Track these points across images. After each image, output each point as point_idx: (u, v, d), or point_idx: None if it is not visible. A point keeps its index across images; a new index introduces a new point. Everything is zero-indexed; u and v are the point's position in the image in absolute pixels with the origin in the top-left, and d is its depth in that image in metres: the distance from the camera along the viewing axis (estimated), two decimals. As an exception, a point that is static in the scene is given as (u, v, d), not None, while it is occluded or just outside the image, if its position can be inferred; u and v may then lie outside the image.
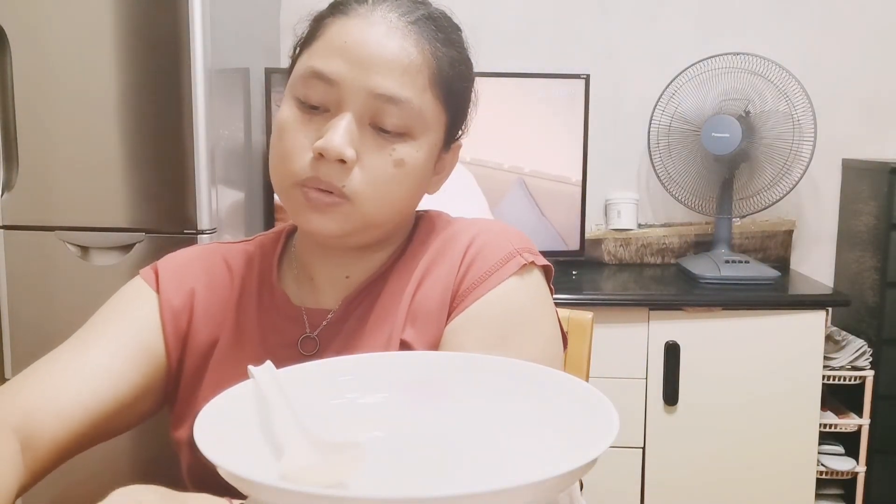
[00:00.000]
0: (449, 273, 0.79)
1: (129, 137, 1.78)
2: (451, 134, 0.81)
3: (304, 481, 0.52)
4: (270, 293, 0.84)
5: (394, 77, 0.72)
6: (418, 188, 0.79)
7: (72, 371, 0.75)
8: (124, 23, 1.76)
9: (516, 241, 0.80)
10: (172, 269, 0.85)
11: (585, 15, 2.38)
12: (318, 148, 0.71)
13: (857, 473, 2.09)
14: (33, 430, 0.70)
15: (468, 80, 0.81)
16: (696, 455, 2.03)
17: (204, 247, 0.89)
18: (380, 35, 0.73)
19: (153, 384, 0.80)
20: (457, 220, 0.86)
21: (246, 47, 2.05)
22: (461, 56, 0.80)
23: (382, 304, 0.80)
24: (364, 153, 0.73)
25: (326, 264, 0.82)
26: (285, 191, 0.76)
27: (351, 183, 0.72)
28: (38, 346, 1.89)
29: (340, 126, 0.71)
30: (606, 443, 0.51)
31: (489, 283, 0.76)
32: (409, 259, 0.83)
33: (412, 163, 0.75)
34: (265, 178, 2.16)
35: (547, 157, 2.19)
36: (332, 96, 0.73)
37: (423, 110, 0.74)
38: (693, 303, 2.01)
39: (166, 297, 0.82)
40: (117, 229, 1.81)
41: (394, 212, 0.77)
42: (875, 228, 2.15)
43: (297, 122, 0.74)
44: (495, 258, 0.78)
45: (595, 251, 2.38)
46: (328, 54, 0.73)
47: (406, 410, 0.66)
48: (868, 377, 2.07)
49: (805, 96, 2.14)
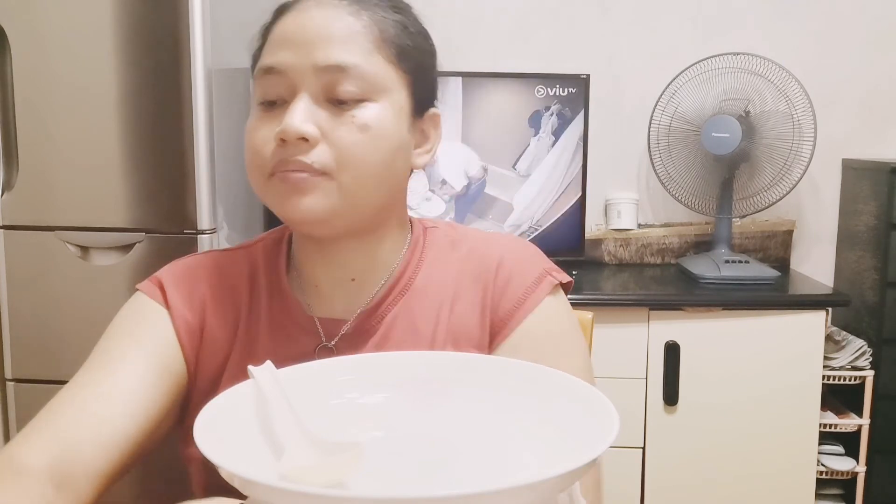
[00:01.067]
0: (483, 294, 0.80)
1: (129, 137, 1.78)
2: (418, 100, 0.79)
3: (303, 481, 0.52)
4: (282, 302, 0.82)
5: (336, 47, 0.72)
6: (395, 155, 0.76)
7: (105, 399, 0.72)
8: (124, 23, 1.75)
9: (539, 258, 0.83)
10: (177, 282, 0.82)
11: (585, 15, 2.38)
12: (279, 133, 0.71)
13: (857, 473, 2.09)
14: (73, 466, 0.67)
15: (421, 41, 0.80)
16: (696, 455, 2.03)
17: (203, 256, 0.86)
18: (316, 17, 0.74)
19: (175, 402, 0.79)
20: (472, 233, 0.86)
21: (246, 47, 2.05)
22: (409, 20, 0.79)
23: (411, 320, 0.80)
24: (327, 129, 0.72)
25: (328, 267, 0.81)
26: (262, 187, 0.75)
27: (320, 158, 0.72)
28: (38, 347, 1.91)
29: (296, 107, 0.72)
30: (606, 443, 0.51)
31: (527, 306, 0.79)
32: (428, 272, 0.82)
33: (378, 125, 0.73)
34: (265, 178, 2.16)
35: (547, 157, 2.19)
36: (285, 85, 0.73)
37: (375, 73, 0.73)
38: (693, 303, 2.01)
39: (178, 313, 0.80)
40: (117, 229, 1.81)
41: (376, 184, 0.75)
42: (875, 228, 2.15)
43: (260, 122, 0.75)
44: (528, 279, 0.80)
45: (595, 251, 2.38)
46: (273, 50, 0.75)
47: (406, 410, 0.66)
48: (868, 377, 2.07)
49: (805, 96, 2.13)
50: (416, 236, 0.85)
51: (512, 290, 0.79)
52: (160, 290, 0.81)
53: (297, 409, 0.60)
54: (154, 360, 0.76)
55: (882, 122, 2.38)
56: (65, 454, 0.67)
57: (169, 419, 0.79)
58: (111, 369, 0.74)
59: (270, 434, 0.59)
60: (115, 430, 0.70)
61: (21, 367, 1.87)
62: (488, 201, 2.21)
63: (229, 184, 1.92)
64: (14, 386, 1.88)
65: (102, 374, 0.74)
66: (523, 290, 0.79)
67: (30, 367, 1.87)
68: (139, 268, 1.80)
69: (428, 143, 0.82)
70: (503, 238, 0.86)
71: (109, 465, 0.69)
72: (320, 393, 0.66)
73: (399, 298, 0.81)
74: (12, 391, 1.88)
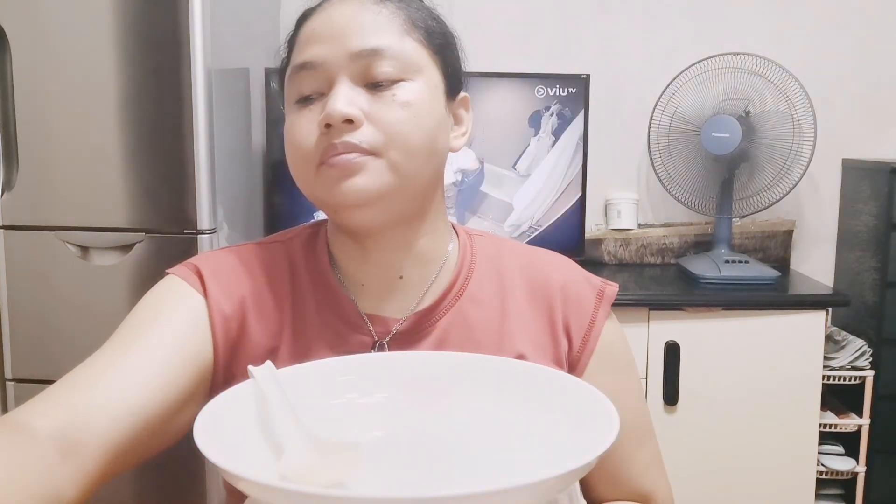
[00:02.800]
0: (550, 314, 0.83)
1: (129, 137, 1.78)
2: (449, 81, 0.80)
3: (303, 481, 0.52)
4: (330, 299, 0.81)
5: (368, 33, 0.74)
6: (437, 132, 0.77)
7: (121, 374, 0.69)
8: (124, 23, 1.75)
9: (587, 273, 0.87)
10: (217, 272, 0.80)
11: (585, 15, 2.38)
12: (323, 118, 0.72)
13: (857, 473, 2.09)
14: (80, 434, 0.63)
15: (445, 26, 0.82)
16: (696, 455, 2.03)
17: (240, 249, 0.84)
18: (344, 11, 0.76)
19: (198, 391, 0.75)
20: (517, 247, 0.88)
21: (246, 47, 2.05)
22: (430, 8, 0.82)
23: (467, 328, 0.81)
24: (369, 110, 0.73)
25: (372, 266, 0.81)
26: (310, 179, 0.75)
27: (367, 137, 0.72)
28: (38, 346, 1.91)
29: (338, 91, 0.73)
30: (606, 443, 0.51)
31: (598, 327, 0.83)
32: (479, 281, 0.83)
33: (418, 101, 0.74)
34: (265, 178, 2.16)
35: (546, 157, 2.19)
36: (321, 78, 0.75)
37: (408, 53, 0.75)
38: (693, 303, 2.01)
39: (216, 302, 0.77)
40: (117, 229, 1.81)
41: (423, 161, 0.75)
42: (875, 228, 2.15)
43: (299, 118, 0.76)
44: (590, 297, 0.84)
45: (595, 251, 2.38)
46: (304, 48, 0.76)
47: (406, 410, 0.66)
48: (868, 377, 2.07)
49: (805, 96, 2.13)
50: (463, 242, 0.85)
51: (581, 311, 0.83)
52: (198, 277, 0.79)
53: (297, 409, 0.60)
54: (182, 343, 0.74)
55: (882, 122, 2.38)
56: (74, 421, 0.63)
57: (189, 408, 0.73)
58: (135, 345, 0.72)
59: (270, 434, 0.59)
60: (130, 404, 0.67)
61: (21, 367, 1.87)
62: (488, 201, 2.21)
63: (229, 184, 1.92)
64: (14, 386, 1.88)
65: (124, 349, 0.71)
66: (591, 310, 0.83)
67: (30, 367, 1.87)
68: (139, 268, 1.80)
69: (462, 126, 0.83)
70: (550, 255, 0.88)
71: (121, 438, 0.65)
72: (320, 393, 0.66)
73: (453, 303, 0.81)
74: (12, 391, 1.88)
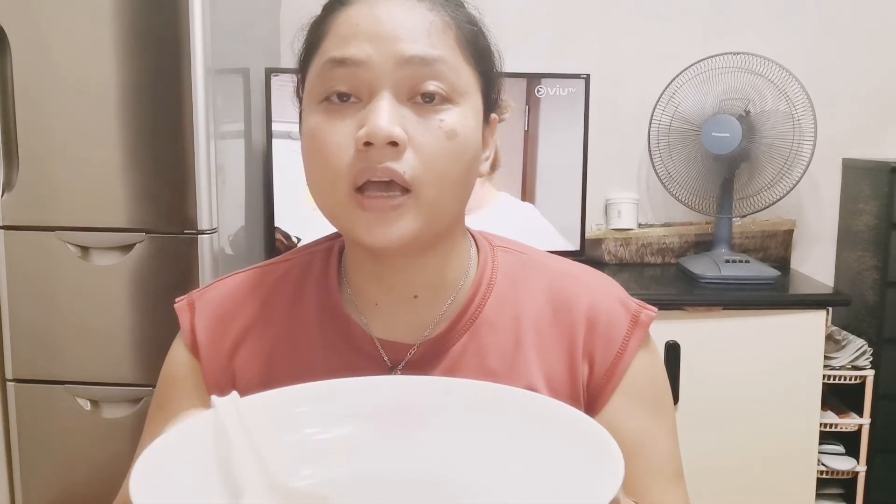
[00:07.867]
0: (570, 342, 0.75)
1: (129, 137, 1.78)
2: (486, 104, 0.73)
3: None
4: (337, 324, 0.75)
5: (421, 38, 0.66)
6: (472, 165, 0.70)
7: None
8: (124, 23, 1.75)
9: (624, 294, 0.80)
10: (211, 322, 0.77)
11: (585, 15, 2.38)
12: (363, 136, 0.63)
13: (857, 473, 2.09)
14: None
15: (490, 41, 0.74)
16: (696, 454, 2.03)
17: (243, 278, 0.79)
18: (392, 9, 0.66)
19: None
20: (546, 261, 0.80)
21: (246, 47, 2.05)
22: (476, 17, 0.73)
23: (480, 356, 0.73)
24: (413, 133, 0.65)
25: (388, 286, 0.74)
26: (337, 205, 0.67)
27: (411, 167, 0.64)
28: (38, 347, 1.91)
29: (381, 107, 0.64)
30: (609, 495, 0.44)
31: (628, 356, 0.75)
32: (498, 302, 0.75)
33: (463, 133, 0.67)
34: (265, 178, 2.15)
35: (547, 157, 2.18)
36: (362, 79, 0.65)
37: (458, 70, 0.67)
38: (693, 303, 2.01)
39: (208, 366, 0.76)
40: (117, 229, 1.81)
41: (455, 198, 0.69)
42: (875, 228, 2.15)
43: (329, 122, 0.66)
44: (622, 322, 0.76)
45: (595, 251, 2.38)
46: (343, 42, 0.66)
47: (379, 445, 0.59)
48: (868, 377, 2.07)
49: (805, 96, 2.13)
50: (483, 256, 0.78)
51: (609, 337, 0.75)
52: (192, 335, 0.77)
53: (260, 447, 0.53)
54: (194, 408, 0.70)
55: (882, 122, 2.38)
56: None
57: None
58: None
59: (229, 475, 0.53)
60: None
61: (21, 367, 1.87)
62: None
63: (229, 184, 1.92)
64: (14, 386, 1.88)
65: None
66: (622, 338, 0.75)
67: (30, 367, 1.87)
68: (139, 268, 1.80)
69: (488, 150, 0.75)
70: (583, 272, 0.81)
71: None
72: (284, 425, 0.59)
73: (467, 328, 0.74)
74: (12, 391, 1.88)
